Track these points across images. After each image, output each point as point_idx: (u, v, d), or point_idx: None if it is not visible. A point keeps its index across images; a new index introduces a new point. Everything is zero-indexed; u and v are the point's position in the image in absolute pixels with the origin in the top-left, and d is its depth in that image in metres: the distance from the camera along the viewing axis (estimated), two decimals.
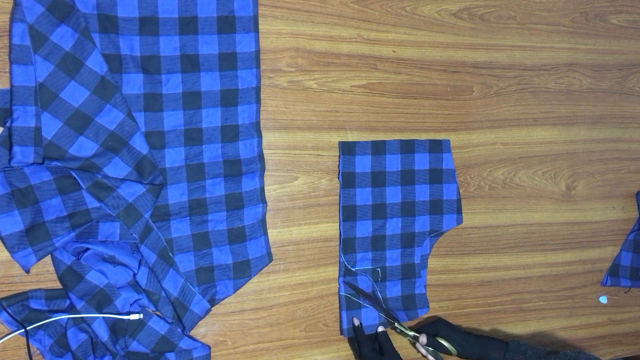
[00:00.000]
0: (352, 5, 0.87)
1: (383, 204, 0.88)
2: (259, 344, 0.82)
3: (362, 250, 0.86)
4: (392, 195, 0.88)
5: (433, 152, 0.91)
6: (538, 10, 1.00)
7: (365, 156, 0.87)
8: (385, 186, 0.88)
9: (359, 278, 0.86)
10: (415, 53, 0.91)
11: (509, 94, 0.98)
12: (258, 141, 0.81)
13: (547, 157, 1.00)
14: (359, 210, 0.86)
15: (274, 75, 0.83)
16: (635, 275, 1.04)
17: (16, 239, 0.68)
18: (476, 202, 0.95)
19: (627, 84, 1.07)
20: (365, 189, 0.87)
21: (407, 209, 0.89)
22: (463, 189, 0.94)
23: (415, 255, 0.90)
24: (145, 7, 0.74)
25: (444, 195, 0.91)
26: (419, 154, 0.90)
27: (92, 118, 0.71)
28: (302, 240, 0.85)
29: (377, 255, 0.87)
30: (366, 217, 0.87)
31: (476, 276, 0.95)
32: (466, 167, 0.94)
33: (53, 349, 0.71)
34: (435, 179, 0.91)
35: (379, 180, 0.87)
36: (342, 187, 0.86)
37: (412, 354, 0.90)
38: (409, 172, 0.89)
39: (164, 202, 0.76)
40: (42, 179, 0.69)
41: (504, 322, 0.97)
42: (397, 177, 0.88)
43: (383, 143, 0.87)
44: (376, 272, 0.87)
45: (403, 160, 0.89)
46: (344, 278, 0.85)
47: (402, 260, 0.89)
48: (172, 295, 0.75)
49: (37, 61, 0.68)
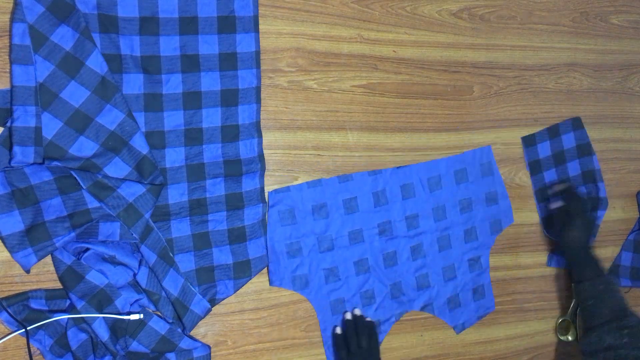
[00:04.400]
0: (352, 5, 0.87)
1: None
2: (259, 344, 0.82)
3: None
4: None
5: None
6: (538, 10, 1.00)
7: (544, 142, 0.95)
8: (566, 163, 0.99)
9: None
10: (415, 53, 0.91)
11: (509, 93, 0.98)
12: (258, 141, 0.81)
13: None
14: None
15: (274, 75, 0.83)
16: (635, 276, 1.04)
17: (16, 239, 0.68)
18: None
19: (628, 84, 1.07)
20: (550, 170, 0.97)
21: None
22: None
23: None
24: (146, 7, 0.74)
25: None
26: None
27: (93, 118, 0.71)
28: None
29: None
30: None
31: None
32: None
33: (53, 349, 0.71)
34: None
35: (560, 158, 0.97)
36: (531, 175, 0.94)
37: (412, 354, 0.90)
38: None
39: (164, 202, 0.76)
40: (42, 179, 0.69)
41: (504, 322, 0.97)
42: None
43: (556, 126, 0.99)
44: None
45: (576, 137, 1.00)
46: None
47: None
48: (172, 295, 0.75)
49: (38, 61, 0.68)
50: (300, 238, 0.83)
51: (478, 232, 0.94)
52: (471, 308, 0.93)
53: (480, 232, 0.94)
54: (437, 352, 0.92)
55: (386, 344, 0.88)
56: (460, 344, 0.94)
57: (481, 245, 0.94)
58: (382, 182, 0.87)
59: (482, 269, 0.94)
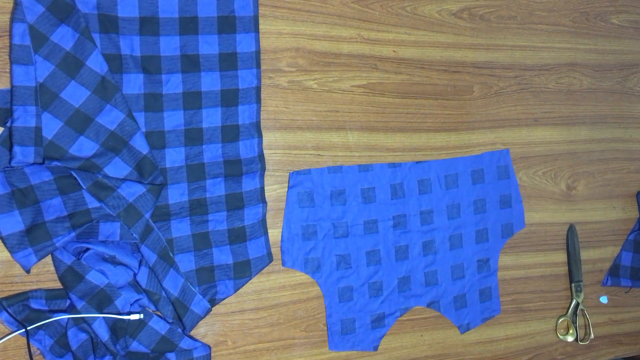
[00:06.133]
0: (352, 5, 0.87)
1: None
2: (259, 344, 0.82)
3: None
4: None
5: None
6: (538, 10, 1.00)
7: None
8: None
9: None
10: (415, 53, 0.91)
11: (510, 93, 0.98)
12: (258, 141, 0.81)
13: (548, 157, 1.00)
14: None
15: (274, 75, 0.83)
16: (635, 276, 1.04)
17: (16, 239, 0.68)
18: None
19: (628, 84, 1.07)
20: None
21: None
22: None
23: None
24: (146, 7, 0.74)
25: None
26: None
27: (93, 118, 0.71)
28: None
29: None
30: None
31: None
32: None
33: (53, 349, 0.71)
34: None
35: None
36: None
37: (412, 354, 0.90)
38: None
39: (164, 202, 0.76)
40: (42, 179, 0.69)
41: (504, 322, 0.97)
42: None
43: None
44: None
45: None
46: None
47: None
48: (172, 295, 0.75)
49: (38, 61, 0.68)
50: (317, 221, 0.83)
51: (489, 234, 0.94)
52: (477, 309, 0.93)
53: (492, 234, 0.94)
54: (438, 352, 0.92)
55: (386, 344, 0.88)
56: (461, 344, 0.94)
57: (491, 247, 0.94)
58: (400, 175, 0.88)
59: (490, 271, 0.94)
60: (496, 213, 0.94)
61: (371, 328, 0.86)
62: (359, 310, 0.86)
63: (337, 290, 0.84)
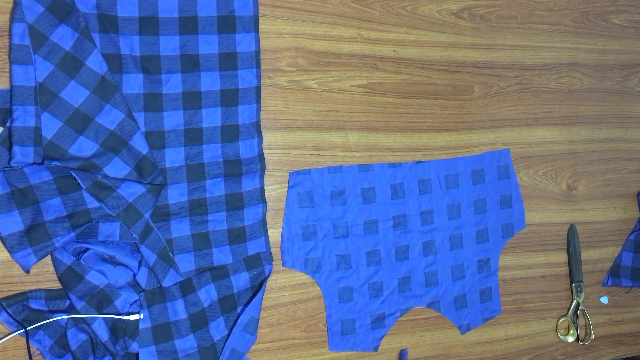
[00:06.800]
0: (352, 4, 0.87)
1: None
2: (259, 344, 0.82)
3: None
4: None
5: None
6: (539, 10, 1.00)
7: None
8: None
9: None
10: (415, 53, 0.91)
11: (510, 93, 0.98)
12: (258, 141, 0.81)
13: (548, 157, 1.00)
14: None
15: (274, 75, 0.83)
16: (636, 276, 1.04)
17: (16, 239, 0.68)
18: None
19: (628, 84, 1.07)
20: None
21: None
22: None
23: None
24: (145, 6, 0.74)
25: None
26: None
27: (92, 118, 0.71)
28: None
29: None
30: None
31: None
32: None
33: (53, 349, 0.71)
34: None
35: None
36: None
37: (412, 354, 0.90)
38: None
39: (164, 202, 0.76)
40: (42, 179, 0.69)
41: (504, 322, 0.97)
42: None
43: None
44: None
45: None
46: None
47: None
48: None
49: (37, 61, 0.68)
50: (317, 222, 0.83)
51: (490, 234, 0.94)
52: (477, 309, 0.93)
53: (492, 234, 0.94)
54: (438, 353, 0.92)
55: (386, 344, 0.88)
56: (461, 344, 0.94)
57: (492, 247, 0.94)
58: (400, 175, 0.88)
59: (490, 272, 0.94)
60: (496, 213, 0.94)
61: (371, 328, 0.86)
62: (359, 310, 0.85)
63: (337, 290, 0.84)
